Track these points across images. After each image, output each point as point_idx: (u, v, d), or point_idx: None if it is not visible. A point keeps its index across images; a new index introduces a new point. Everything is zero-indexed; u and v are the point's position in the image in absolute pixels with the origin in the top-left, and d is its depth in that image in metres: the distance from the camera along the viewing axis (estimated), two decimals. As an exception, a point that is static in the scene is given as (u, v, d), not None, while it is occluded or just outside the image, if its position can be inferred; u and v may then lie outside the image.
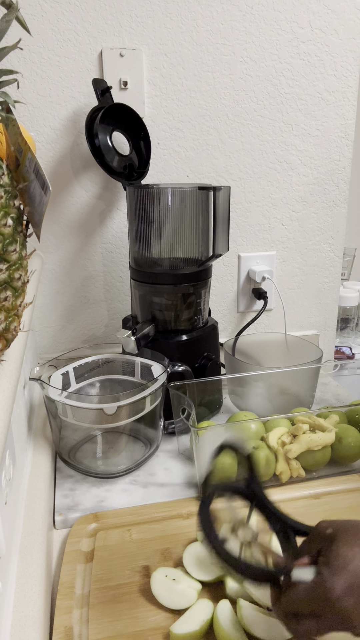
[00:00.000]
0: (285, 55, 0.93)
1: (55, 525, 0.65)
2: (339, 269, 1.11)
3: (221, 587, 0.54)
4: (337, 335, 1.41)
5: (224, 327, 1.08)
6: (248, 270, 1.05)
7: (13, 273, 0.46)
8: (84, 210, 0.94)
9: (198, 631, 0.48)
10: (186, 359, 0.81)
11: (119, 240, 0.97)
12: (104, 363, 0.84)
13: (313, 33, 0.93)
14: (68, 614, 0.51)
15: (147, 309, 0.84)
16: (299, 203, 1.03)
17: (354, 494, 0.69)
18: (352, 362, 1.01)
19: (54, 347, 1.01)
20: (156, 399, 0.74)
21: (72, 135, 0.89)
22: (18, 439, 0.63)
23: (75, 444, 0.78)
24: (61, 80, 0.86)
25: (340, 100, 0.98)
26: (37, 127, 0.87)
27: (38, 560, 0.53)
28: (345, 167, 1.03)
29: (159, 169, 0.94)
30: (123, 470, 0.74)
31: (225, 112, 0.94)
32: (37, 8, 0.82)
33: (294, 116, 0.97)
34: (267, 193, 1.01)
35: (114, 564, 0.57)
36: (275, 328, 1.11)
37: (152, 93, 0.90)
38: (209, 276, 0.85)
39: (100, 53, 0.86)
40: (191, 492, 0.70)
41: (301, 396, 0.88)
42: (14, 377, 0.48)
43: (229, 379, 0.91)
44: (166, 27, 0.87)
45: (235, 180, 0.99)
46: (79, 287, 0.98)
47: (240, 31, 0.90)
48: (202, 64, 0.90)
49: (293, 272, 1.08)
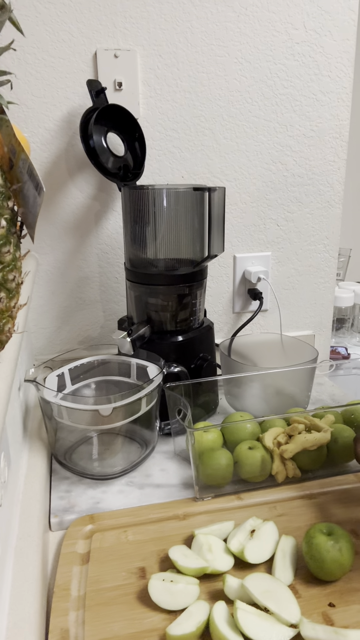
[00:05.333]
0: (280, 56, 0.94)
1: (51, 527, 0.65)
2: (334, 269, 1.11)
3: (218, 586, 0.54)
4: (333, 335, 1.42)
5: (219, 328, 1.08)
6: (243, 271, 1.05)
7: (7, 274, 0.46)
8: (79, 211, 0.94)
9: (194, 632, 0.48)
10: (182, 359, 0.81)
11: (114, 241, 0.97)
12: (100, 364, 0.84)
13: (307, 34, 0.93)
14: (64, 616, 0.51)
15: (143, 310, 0.84)
16: (294, 204, 1.04)
17: (350, 493, 0.69)
18: (347, 362, 1.01)
19: (49, 348, 1.00)
20: (152, 400, 0.73)
21: (67, 136, 0.89)
22: (13, 441, 0.63)
23: (71, 446, 0.78)
24: (55, 81, 0.86)
25: (335, 101, 0.99)
26: (32, 128, 0.87)
27: (33, 563, 0.53)
28: (340, 168, 1.03)
29: (154, 170, 0.94)
30: (119, 471, 0.73)
31: (220, 113, 0.94)
32: (31, 9, 0.82)
33: (288, 117, 0.98)
34: (262, 194, 1.01)
35: (110, 565, 0.57)
36: (271, 328, 1.11)
37: (146, 94, 0.90)
38: (204, 277, 0.85)
39: (94, 54, 0.86)
40: (187, 493, 0.70)
41: (297, 396, 0.88)
42: (8, 379, 0.47)
43: (225, 380, 0.91)
44: (161, 28, 0.87)
45: (230, 181, 0.99)
46: (74, 288, 0.98)
47: (234, 32, 0.90)
48: (197, 64, 0.91)
49: (288, 273, 1.09)
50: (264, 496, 0.69)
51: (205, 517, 0.65)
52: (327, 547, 0.54)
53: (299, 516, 0.65)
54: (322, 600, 0.53)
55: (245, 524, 0.61)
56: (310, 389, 0.90)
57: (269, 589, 0.52)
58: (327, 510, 0.66)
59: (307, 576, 0.56)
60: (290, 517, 0.65)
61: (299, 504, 0.68)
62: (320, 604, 0.52)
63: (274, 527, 0.61)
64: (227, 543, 0.58)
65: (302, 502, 0.68)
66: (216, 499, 0.69)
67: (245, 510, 0.66)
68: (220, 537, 0.60)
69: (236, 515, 0.65)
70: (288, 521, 0.64)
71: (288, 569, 0.56)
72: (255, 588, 0.51)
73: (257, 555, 0.57)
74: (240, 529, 0.60)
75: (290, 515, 0.65)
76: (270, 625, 0.48)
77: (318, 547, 0.54)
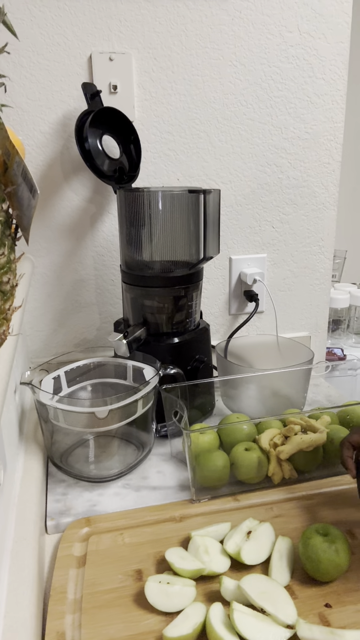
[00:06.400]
0: (274, 59, 0.94)
1: (47, 530, 0.65)
2: (329, 270, 1.12)
3: (215, 588, 0.54)
4: (329, 336, 1.42)
5: (215, 330, 1.08)
6: (239, 273, 1.05)
7: (1, 277, 0.46)
8: (75, 213, 0.94)
9: (191, 634, 0.48)
10: (178, 361, 0.81)
11: (110, 244, 0.97)
12: (96, 367, 0.84)
13: (301, 37, 0.94)
14: (60, 619, 0.51)
15: (139, 312, 0.84)
16: (289, 206, 1.04)
17: (346, 494, 0.70)
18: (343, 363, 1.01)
19: (45, 351, 1.00)
20: (148, 402, 0.73)
21: (62, 139, 0.89)
22: (9, 444, 0.63)
23: (67, 448, 0.77)
24: (51, 84, 0.86)
25: (329, 104, 0.99)
26: (27, 131, 0.87)
27: (30, 566, 0.53)
28: (334, 170, 1.04)
29: (150, 172, 0.95)
30: (115, 474, 0.73)
31: (214, 116, 0.95)
32: (26, 12, 0.82)
33: (283, 119, 0.98)
34: (257, 196, 1.01)
35: (106, 568, 0.57)
36: (267, 330, 1.12)
37: (141, 97, 0.90)
38: (200, 279, 0.85)
39: (89, 57, 0.86)
40: (184, 495, 0.70)
41: (293, 397, 0.88)
42: (3, 381, 0.47)
43: (221, 381, 0.91)
44: (155, 31, 0.87)
45: (226, 183, 0.99)
46: (70, 291, 0.98)
47: (229, 35, 0.91)
48: (192, 67, 0.91)
49: (284, 275, 1.09)
50: (261, 497, 0.69)
51: (202, 519, 0.65)
52: (324, 548, 0.54)
53: (295, 517, 0.65)
54: (318, 601, 0.53)
55: (242, 526, 0.61)
56: (306, 390, 0.90)
57: (266, 590, 0.52)
58: (323, 511, 0.66)
59: (304, 577, 0.56)
60: (286, 518, 0.65)
61: (295, 505, 0.68)
62: (317, 604, 0.52)
63: (271, 528, 0.61)
64: (224, 544, 0.58)
65: (299, 503, 0.68)
66: (212, 500, 0.69)
67: (241, 512, 0.66)
68: (216, 538, 0.60)
69: (232, 517, 0.65)
70: (284, 522, 0.64)
71: (284, 570, 0.56)
72: (252, 589, 0.51)
73: (254, 556, 0.57)
74: (237, 530, 0.60)
75: (286, 517, 0.65)
76: (267, 626, 0.48)
77: (314, 547, 0.54)
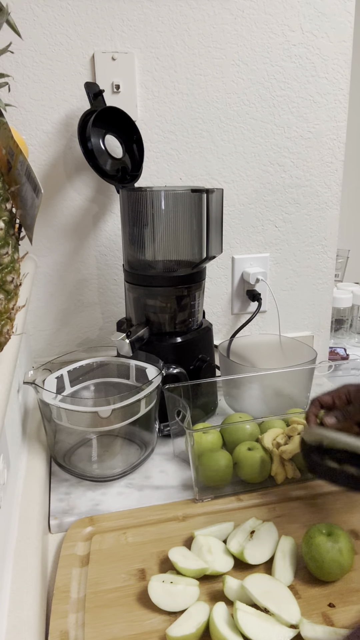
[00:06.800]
0: (277, 58, 0.94)
1: (51, 529, 0.65)
2: (332, 270, 1.11)
3: (218, 587, 0.54)
4: (332, 336, 1.42)
5: (218, 329, 1.08)
6: (242, 272, 1.05)
7: (5, 276, 0.46)
8: (78, 213, 0.94)
9: (194, 633, 0.48)
10: (181, 361, 0.81)
11: (112, 243, 0.97)
12: (99, 366, 0.84)
13: (304, 36, 0.94)
14: (64, 618, 0.51)
15: (142, 312, 0.84)
16: (292, 205, 1.04)
17: (349, 494, 0.69)
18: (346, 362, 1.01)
19: (48, 350, 1.00)
20: (151, 402, 0.73)
21: (65, 138, 0.89)
22: (12, 443, 0.63)
23: (70, 448, 0.78)
24: (53, 83, 0.86)
25: (332, 103, 0.99)
26: (30, 131, 0.87)
27: (33, 565, 0.53)
28: (337, 169, 1.04)
29: (152, 172, 0.95)
30: (118, 473, 0.73)
31: (217, 115, 0.94)
32: (29, 12, 0.82)
33: (286, 119, 0.98)
34: (260, 195, 1.01)
35: (109, 567, 0.57)
36: (270, 329, 1.12)
37: (144, 96, 0.90)
38: (202, 278, 0.85)
39: (92, 56, 0.86)
40: (187, 495, 0.70)
41: (296, 397, 0.88)
42: (7, 381, 0.48)
43: (224, 381, 0.91)
44: (158, 31, 0.87)
45: (228, 182, 0.99)
46: (73, 291, 0.98)
47: (231, 34, 0.91)
48: (194, 67, 0.91)
49: (287, 274, 1.09)
50: (264, 497, 0.69)
51: (205, 519, 0.65)
52: (327, 548, 0.54)
53: (299, 517, 0.65)
54: (322, 600, 0.53)
55: (245, 525, 0.61)
56: (309, 389, 0.90)
57: (269, 590, 0.52)
58: (327, 510, 0.66)
59: (307, 577, 0.55)
60: (289, 517, 0.65)
61: (298, 504, 0.68)
62: (320, 604, 0.52)
63: (274, 528, 0.61)
64: (227, 544, 0.58)
65: (302, 502, 0.68)
66: (215, 500, 0.69)
67: (244, 511, 0.66)
68: (219, 538, 0.60)
69: (236, 516, 0.65)
70: (287, 522, 0.64)
71: (288, 569, 0.56)
72: (255, 589, 0.51)
73: (257, 556, 0.57)
74: (240, 530, 0.60)
75: (289, 516, 0.65)
76: (270, 625, 0.48)
77: (318, 547, 0.54)
